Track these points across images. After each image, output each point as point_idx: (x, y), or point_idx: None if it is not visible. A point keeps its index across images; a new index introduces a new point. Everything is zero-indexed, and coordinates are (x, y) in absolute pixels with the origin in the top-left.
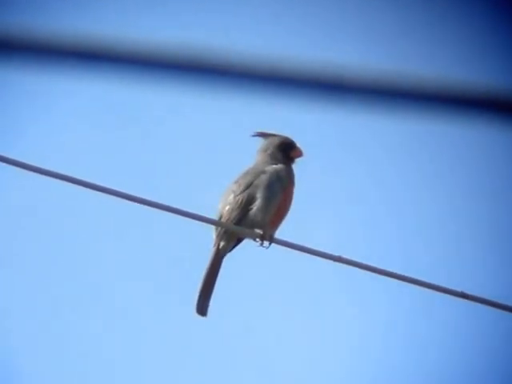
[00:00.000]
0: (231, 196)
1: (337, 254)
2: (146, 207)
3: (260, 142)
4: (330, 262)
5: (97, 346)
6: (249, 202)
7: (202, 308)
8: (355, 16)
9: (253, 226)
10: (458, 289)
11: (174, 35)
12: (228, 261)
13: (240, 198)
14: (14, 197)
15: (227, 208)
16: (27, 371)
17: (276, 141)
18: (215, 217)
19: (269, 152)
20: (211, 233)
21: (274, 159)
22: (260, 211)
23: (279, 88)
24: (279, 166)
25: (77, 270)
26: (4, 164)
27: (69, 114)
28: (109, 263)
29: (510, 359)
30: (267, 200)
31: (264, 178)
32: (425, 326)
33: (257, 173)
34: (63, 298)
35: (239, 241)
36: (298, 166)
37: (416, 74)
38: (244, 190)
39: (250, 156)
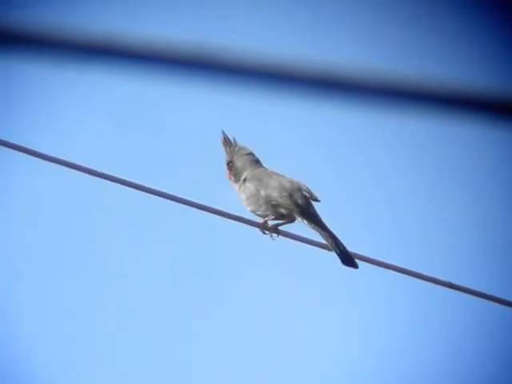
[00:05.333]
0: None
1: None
2: (155, 197)
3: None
4: (324, 251)
5: (100, 342)
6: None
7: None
8: (356, 15)
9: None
10: (446, 279)
11: (184, 32)
12: (220, 253)
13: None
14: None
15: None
16: (37, 364)
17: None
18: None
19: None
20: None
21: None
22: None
23: (281, 86)
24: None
25: (88, 261)
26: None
27: (80, 108)
28: (115, 256)
29: (496, 349)
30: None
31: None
32: (412, 316)
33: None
34: (70, 289)
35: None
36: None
37: (414, 74)
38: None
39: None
